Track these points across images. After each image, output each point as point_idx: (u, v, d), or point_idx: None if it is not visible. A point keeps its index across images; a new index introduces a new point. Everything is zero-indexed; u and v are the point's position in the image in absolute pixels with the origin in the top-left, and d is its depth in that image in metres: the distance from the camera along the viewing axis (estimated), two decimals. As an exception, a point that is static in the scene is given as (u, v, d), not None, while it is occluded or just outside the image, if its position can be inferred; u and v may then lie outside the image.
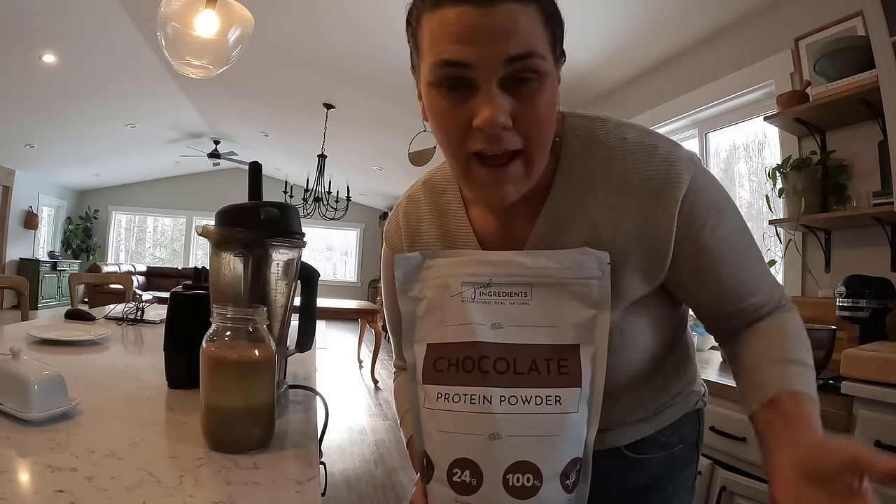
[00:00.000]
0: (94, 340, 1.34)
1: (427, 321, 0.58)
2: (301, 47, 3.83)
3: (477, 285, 0.56)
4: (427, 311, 0.58)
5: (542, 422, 0.52)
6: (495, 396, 0.52)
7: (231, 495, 0.54)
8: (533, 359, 0.53)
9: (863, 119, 1.75)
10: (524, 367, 0.53)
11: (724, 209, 0.62)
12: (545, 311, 0.55)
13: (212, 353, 0.65)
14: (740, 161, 2.80)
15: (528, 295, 0.55)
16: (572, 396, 0.53)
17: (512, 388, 0.52)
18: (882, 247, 1.72)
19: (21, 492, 0.51)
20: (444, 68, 0.51)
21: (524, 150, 0.54)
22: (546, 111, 0.53)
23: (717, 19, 2.37)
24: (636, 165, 0.59)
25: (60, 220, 9.54)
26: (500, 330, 0.54)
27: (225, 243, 0.79)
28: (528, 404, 0.52)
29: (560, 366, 0.53)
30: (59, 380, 0.74)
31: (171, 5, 1.57)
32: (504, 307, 0.55)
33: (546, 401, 0.52)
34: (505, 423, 0.51)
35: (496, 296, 0.56)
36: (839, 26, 1.85)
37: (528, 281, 0.56)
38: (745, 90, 2.34)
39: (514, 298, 0.55)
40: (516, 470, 0.51)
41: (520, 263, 0.56)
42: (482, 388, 0.52)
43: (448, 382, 0.54)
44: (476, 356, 0.53)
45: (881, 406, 1.18)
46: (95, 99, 5.63)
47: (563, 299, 0.55)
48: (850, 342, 1.54)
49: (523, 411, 0.52)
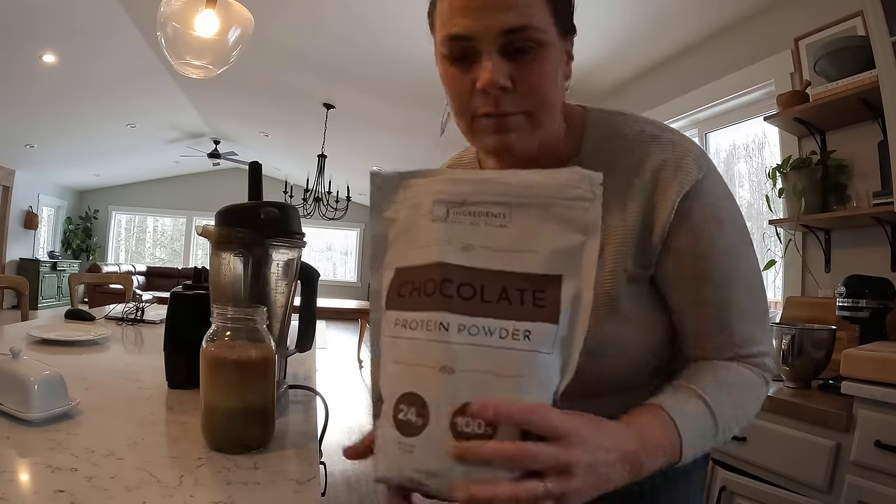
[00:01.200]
0: (94, 340, 1.34)
1: (397, 244, 0.52)
2: (301, 47, 3.83)
3: (451, 204, 0.49)
4: (399, 233, 0.52)
5: (505, 358, 0.44)
6: (454, 324, 0.45)
7: (231, 495, 0.54)
8: (504, 287, 0.46)
9: (863, 119, 1.75)
10: (493, 296, 0.46)
11: (724, 221, 0.61)
12: (525, 234, 0.48)
13: (212, 353, 0.65)
14: (740, 161, 2.81)
15: (507, 216, 0.48)
16: (545, 334, 0.45)
17: (475, 318, 0.45)
18: (882, 247, 1.72)
19: (21, 492, 0.52)
20: (451, 42, 0.57)
21: (525, 112, 0.58)
22: (545, 76, 0.57)
23: (717, 19, 2.37)
24: (651, 157, 0.62)
25: (60, 220, 9.54)
26: (470, 252, 0.47)
27: (225, 243, 0.79)
28: (490, 336, 0.45)
29: (535, 297, 0.46)
30: (59, 380, 0.74)
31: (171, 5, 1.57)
32: (478, 228, 0.48)
33: (513, 334, 0.45)
34: (461, 355, 0.44)
35: (471, 216, 0.49)
36: (839, 26, 1.85)
37: (508, 200, 0.48)
38: (745, 90, 2.35)
39: (491, 219, 0.48)
40: (468, 412, 0.43)
41: (501, 182, 0.49)
42: (440, 313, 0.45)
43: (408, 308, 0.48)
44: (439, 279, 0.46)
45: (881, 406, 1.18)
46: (96, 99, 5.63)
47: (546, 222, 0.48)
48: (850, 342, 1.54)
49: (484, 343, 0.44)
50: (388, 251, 0.52)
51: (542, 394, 0.46)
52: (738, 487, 1.42)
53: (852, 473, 1.21)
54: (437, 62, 0.64)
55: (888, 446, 1.14)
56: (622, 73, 3.00)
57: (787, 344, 1.44)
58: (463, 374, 0.44)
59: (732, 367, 0.61)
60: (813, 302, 1.89)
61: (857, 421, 1.22)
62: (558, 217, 0.48)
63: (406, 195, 0.52)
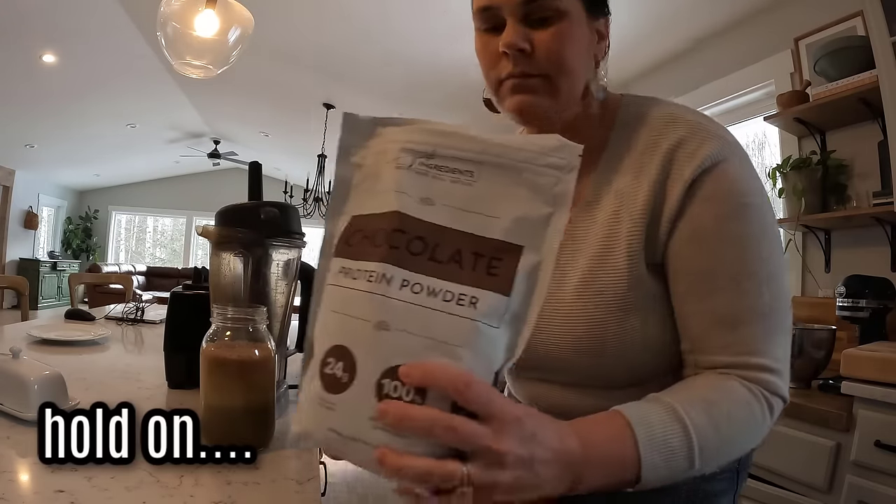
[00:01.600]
0: (94, 340, 1.34)
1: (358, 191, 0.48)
2: (301, 47, 3.83)
3: (418, 154, 0.46)
4: (361, 179, 0.48)
5: (446, 323, 0.40)
6: (397, 278, 0.41)
7: (231, 495, 0.54)
8: (459, 248, 0.42)
9: (863, 119, 1.75)
10: (444, 256, 0.42)
11: (747, 206, 0.56)
12: (490, 196, 0.44)
13: (212, 353, 0.65)
14: (740, 161, 2.81)
15: (475, 175, 0.45)
16: (493, 305, 0.41)
17: (420, 275, 0.42)
18: (882, 247, 1.72)
19: (21, 492, 0.52)
20: (480, 14, 0.62)
21: (544, 76, 0.60)
22: (564, 42, 0.59)
23: (717, 19, 2.37)
24: (669, 136, 0.60)
25: (60, 220, 9.54)
26: (429, 207, 0.44)
27: (225, 243, 0.79)
28: (434, 297, 0.41)
29: (490, 265, 0.42)
30: (59, 380, 0.74)
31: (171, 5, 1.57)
32: (443, 183, 0.45)
33: (458, 299, 0.41)
34: (399, 312, 0.41)
35: (436, 168, 0.45)
36: (839, 26, 1.85)
37: (478, 158, 0.45)
38: (745, 90, 2.35)
39: (458, 176, 0.45)
40: (396, 376, 0.39)
41: (475, 138, 0.46)
42: (384, 264, 0.42)
43: (353, 256, 0.44)
44: (389, 228, 0.43)
45: (881, 406, 1.18)
46: (95, 99, 5.63)
47: (513, 187, 0.45)
48: (850, 342, 1.54)
49: (425, 304, 0.41)
50: (348, 198, 0.49)
51: (482, 370, 0.41)
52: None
53: (852, 473, 1.21)
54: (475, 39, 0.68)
55: (888, 446, 1.14)
56: (622, 74, 3.00)
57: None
58: (398, 334, 0.40)
59: (728, 385, 0.53)
60: (813, 302, 1.89)
61: (857, 421, 1.22)
62: (528, 183, 0.45)
63: (374, 142, 0.49)
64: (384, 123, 0.50)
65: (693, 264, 0.57)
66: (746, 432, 0.53)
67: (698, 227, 0.57)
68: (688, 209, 0.57)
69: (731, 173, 0.57)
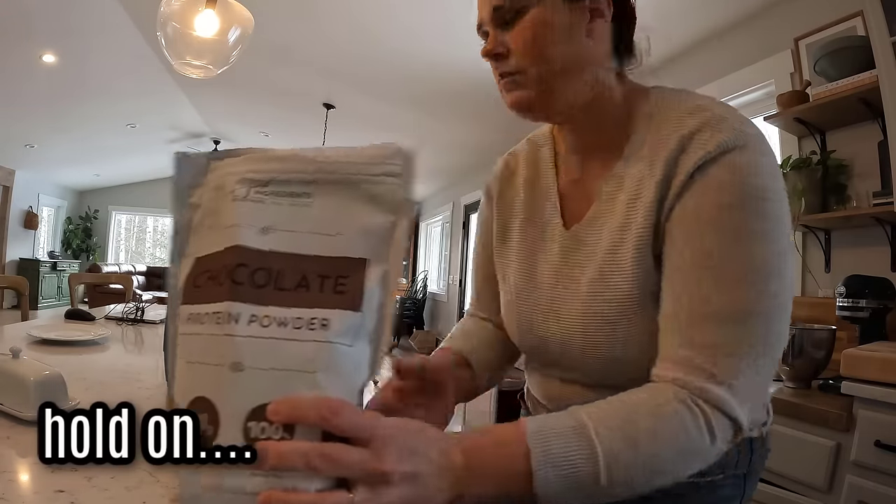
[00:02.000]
0: (94, 340, 1.34)
1: (199, 231, 0.46)
2: (301, 47, 3.83)
3: (254, 183, 0.44)
4: (202, 218, 0.46)
5: (299, 351, 0.39)
6: (244, 315, 0.40)
7: (231, 495, 0.54)
8: (304, 273, 0.41)
9: (863, 119, 1.75)
10: (291, 283, 0.41)
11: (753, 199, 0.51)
12: (329, 215, 0.43)
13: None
14: (740, 161, 2.81)
15: (312, 196, 0.44)
16: (346, 323, 0.40)
17: (268, 307, 0.40)
18: (882, 247, 1.72)
19: (21, 492, 0.52)
20: (478, 31, 0.66)
21: (525, 70, 0.61)
22: (536, 36, 0.60)
23: (717, 19, 2.37)
24: (687, 125, 0.57)
25: (60, 220, 9.54)
26: (269, 235, 0.43)
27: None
28: (284, 327, 0.39)
29: (337, 283, 0.41)
30: (59, 380, 0.74)
31: (171, 5, 1.57)
32: (281, 208, 0.43)
33: (309, 324, 0.40)
34: (250, 349, 0.39)
35: (274, 195, 0.44)
36: (839, 26, 1.85)
37: (312, 178, 0.44)
38: (745, 90, 2.34)
39: (294, 199, 0.44)
40: (261, 416, 0.37)
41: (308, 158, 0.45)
42: (229, 302, 0.40)
43: (200, 300, 0.42)
44: (232, 264, 0.41)
45: (881, 406, 1.18)
46: (95, 99, 5.63)
47: (352, 201, 0.44)
48: (850, 342, 1.54)
49: (276, 335, 0.39)
50: (189, 241, 0.46)
51: (346, 392, 0.40)
52: (738, 487, 1.42)
53: (852, 473, 1.21)
54: None
55: (888, 446, 1.14)
56: (622, 73, 3.00)
57: (787, 344, 1.44)
58: (253, 372, 0.39)
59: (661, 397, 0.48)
60: (813, 302, 1.89)
61: (857, 421, 1.21)
62: (367, 195, 0.44)
63: (213, 177, 0.47)
64: (219, 157, 0.49)
65: (673, 250, 0.54)
66: (676, 450, 0.47)
67: (687, 212, 0.53)
68: (684, 194, 0.54)
69: (740, 164, 0.52)
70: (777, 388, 1.46)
